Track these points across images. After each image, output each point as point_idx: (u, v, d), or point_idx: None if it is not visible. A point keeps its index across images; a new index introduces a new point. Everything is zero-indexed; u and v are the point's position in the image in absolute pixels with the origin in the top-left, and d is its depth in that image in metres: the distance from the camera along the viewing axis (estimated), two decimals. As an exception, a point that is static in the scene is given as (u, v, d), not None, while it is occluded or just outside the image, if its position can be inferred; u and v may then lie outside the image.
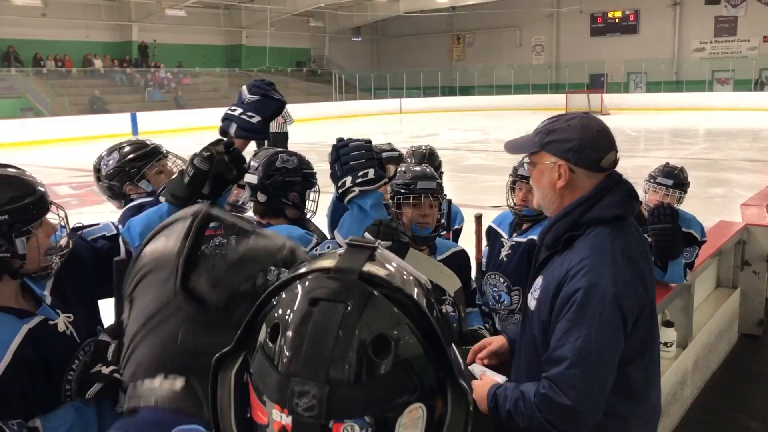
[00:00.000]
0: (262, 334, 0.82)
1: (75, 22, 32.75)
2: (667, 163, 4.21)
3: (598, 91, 35.72)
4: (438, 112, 36.77)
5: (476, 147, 21.38)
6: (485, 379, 2.15)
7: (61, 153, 20.37)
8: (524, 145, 2.13)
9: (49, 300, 1.96)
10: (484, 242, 3.46)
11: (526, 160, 2.21)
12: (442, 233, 2.94)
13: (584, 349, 1.86)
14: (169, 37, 36.55)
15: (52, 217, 1.94)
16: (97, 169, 2.91)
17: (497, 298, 3.36)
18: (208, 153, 1.97)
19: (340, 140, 2.23)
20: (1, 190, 1.80)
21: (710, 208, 9.99)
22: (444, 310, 2.48)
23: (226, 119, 2.12)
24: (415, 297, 0.82)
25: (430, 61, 44.18)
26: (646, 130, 26.34)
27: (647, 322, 2.02)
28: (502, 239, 3.41)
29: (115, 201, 3.00)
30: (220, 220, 1.10)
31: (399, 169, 2.81)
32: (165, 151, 3.01)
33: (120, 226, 2.18)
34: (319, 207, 2.90)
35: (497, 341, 2.39)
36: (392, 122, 32.10)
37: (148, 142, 3.01)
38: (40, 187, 1.90)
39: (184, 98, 32.74)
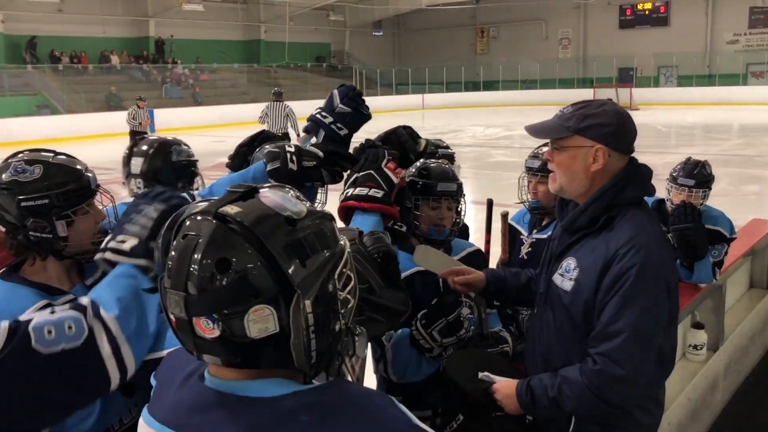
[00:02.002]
0: None
1: (91, 17, 33.06)
2: (689, 159, 4.07)
3: (627, 85, 35.45)
4: (461, 108, 36.65)
5: (501, 143, 21.32)
6: (504, 380, 2.21)
7: (78, 151, 20.46)
8: (553, 129, 2.19)
9: (91, 280, 2.10)
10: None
11: (546, 148, 2.26)
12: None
13: (640, 322, 2.00)
14: (186, 33, 36.79)
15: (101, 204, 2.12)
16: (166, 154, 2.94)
17: None
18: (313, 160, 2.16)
19: (368, 141, 2.26)
20: (46, 175, 1.99)
21: (744, 205, 9.91)
22: (462, 315, 2.49)
23: (314, 122, 2.23)
24: (259, 230, 1.14)
25: (453, 55, 44.10)
26: (677, 125, 26.11)
27: (675, 294, 2.19)
28: (521, 237, 3.40)
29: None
30: None
31: (416, 164, 2.75)
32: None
33: (194, 193, 2.30)
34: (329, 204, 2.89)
35: (477, 275, 2.50)
36: (414, 118, 32.08)
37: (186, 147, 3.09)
38: (86, 174, 2.07)
39: (202, 95, 32.95)
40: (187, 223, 1.19)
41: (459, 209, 2.75)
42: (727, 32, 38.20)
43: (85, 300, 1.77)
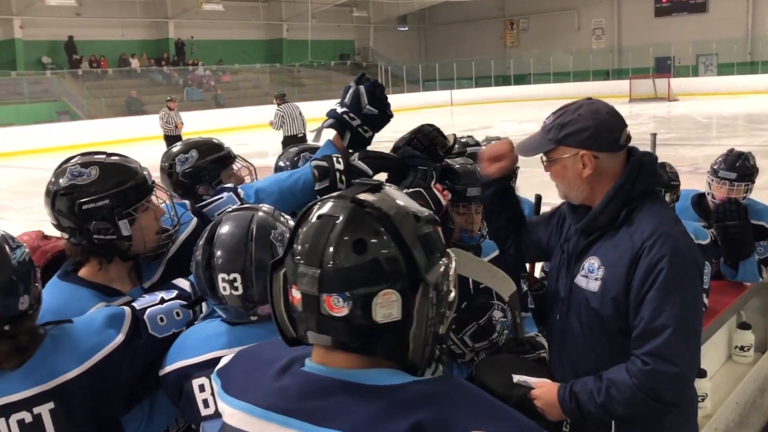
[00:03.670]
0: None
1: (110, 20, 33.44)
2: (731, 150, 4.01)
3: (665, 75, 35.15)
4: (491, 103, 36.56)
5: (533, 139, 21.15)
6: (543, 385, 2.19)
7: (99, 157, 20.76)
8: (538, 145, 2.28)
9: (148, 283, 2.19)
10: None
11: (543, 159, 2.30)
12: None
13: (683, 313, 2.01)
14: (206, 33, 37.09)
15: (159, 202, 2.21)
16: (170, 165, 2.99)
17: None
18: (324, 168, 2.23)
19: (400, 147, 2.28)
20: (103, 177, 2.05)
21: (791, 199, 9.73)
22: (493, 318, 2.47)
23: (339, 121, 2.26)
24: (395, 218, 1.23)
25: (481, 49, 43.94)
26: (718, 116, 25.77)
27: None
28: None
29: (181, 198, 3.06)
30: None
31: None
32: (234, 155, 3.14)
33: (242, 194, 2.39)
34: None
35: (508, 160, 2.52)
36: (443, 115, 32.05)
37: (221, 144, 3.13)
38: (142, 172, 2.15)
39: (224, 96, 33.17)
40: (320, 205, 1.27)
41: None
42: (770, 17, 37.65)
43: (186, 284, 2.00)
